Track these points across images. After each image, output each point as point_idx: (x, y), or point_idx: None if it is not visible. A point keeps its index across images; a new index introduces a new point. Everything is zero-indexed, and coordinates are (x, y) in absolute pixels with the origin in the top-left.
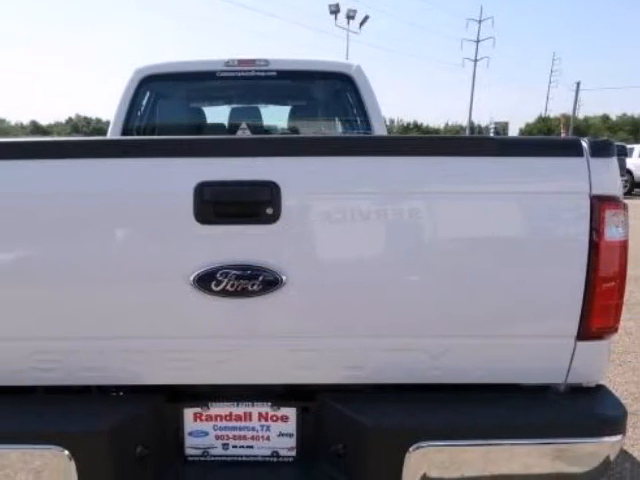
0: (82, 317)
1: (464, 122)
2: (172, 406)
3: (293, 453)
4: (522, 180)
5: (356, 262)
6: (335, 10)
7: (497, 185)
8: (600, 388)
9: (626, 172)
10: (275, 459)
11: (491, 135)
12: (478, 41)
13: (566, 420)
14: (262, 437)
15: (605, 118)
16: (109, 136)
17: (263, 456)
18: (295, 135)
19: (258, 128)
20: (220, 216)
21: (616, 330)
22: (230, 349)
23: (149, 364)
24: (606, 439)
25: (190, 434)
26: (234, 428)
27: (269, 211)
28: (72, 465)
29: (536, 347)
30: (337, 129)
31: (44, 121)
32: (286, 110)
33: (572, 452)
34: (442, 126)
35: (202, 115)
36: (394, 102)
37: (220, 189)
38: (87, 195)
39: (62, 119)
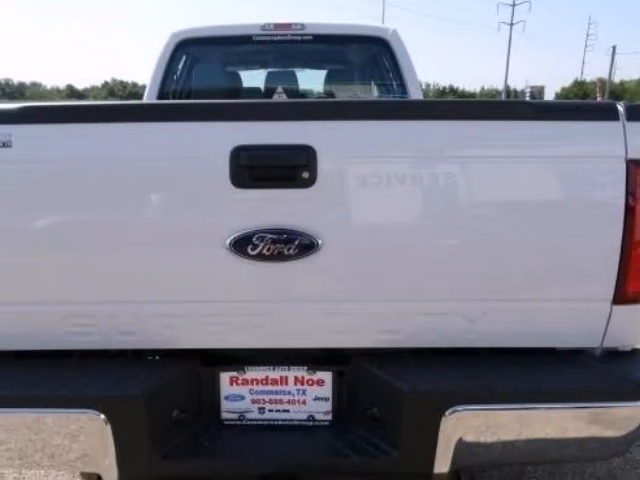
0: (118, 281)
1: (500, 86)
2: (208, 370)
3: (329, 417)
4: (558, 144)
5: (392, 226)
6: None
7: (533, 149)
8: (635, 352)
9: None
10: (311, 423)
11: (527, 99)
12: (514, 5)
13: (602, 384)
14: (298, 401)
15: None
16: (145, 100)
17: (299, 420)
18: (331, 99)
19: (294, 92)
20: (256, 180)
21: None
22: (266, 313)
23: (185, 328)
24: None
25: (226, 398)
26: (270, 392)
27: (305, 175)
28: (108, 429)
29: (572, 311)
30: (373, 93)
31: (80, 85)
32: (322, 74)
33: (608, 416)
34: (478, 90)
35: (238, 79)
36: (430, 66)
37: (256, 153)
38: (124, 159)
39: (98, 83)
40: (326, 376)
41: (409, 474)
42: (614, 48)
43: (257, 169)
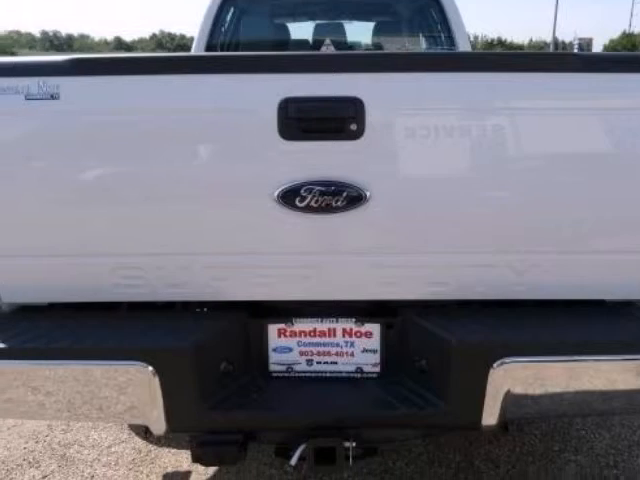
0: (167, 233)
1: (548, 38)
2: (256, 322)
3: (377, 369)
4: (606, 96)
5: (440, 178)
6: None
7: (581, 101)
8: None
9: None
10: (359, 375)
11: (575, 51)
12: None
13: None
14: (346, 353)
15: None
16: (193, 52)
17: (347, 372)
18: (379, 51)
19: (342, 44)
20: (304, 132)
21: None
22: (314, 265)
23: (233, 280)
24: None
25: (274, 350)
26: (318, 344)
27: (353, 127)
28: (156, 381)
29: (620, 263)
30: (421, 45)
31: (128, 37)
32: (370, 26)
33: None
34: (526, 42)
35: (286, 31)
36: (478, 18)
37: (304, 105)
38: (173, 111)
39: (146, 35)
40: (374, 328)
41: (457, 426)
42: None
43: (305, 121)
